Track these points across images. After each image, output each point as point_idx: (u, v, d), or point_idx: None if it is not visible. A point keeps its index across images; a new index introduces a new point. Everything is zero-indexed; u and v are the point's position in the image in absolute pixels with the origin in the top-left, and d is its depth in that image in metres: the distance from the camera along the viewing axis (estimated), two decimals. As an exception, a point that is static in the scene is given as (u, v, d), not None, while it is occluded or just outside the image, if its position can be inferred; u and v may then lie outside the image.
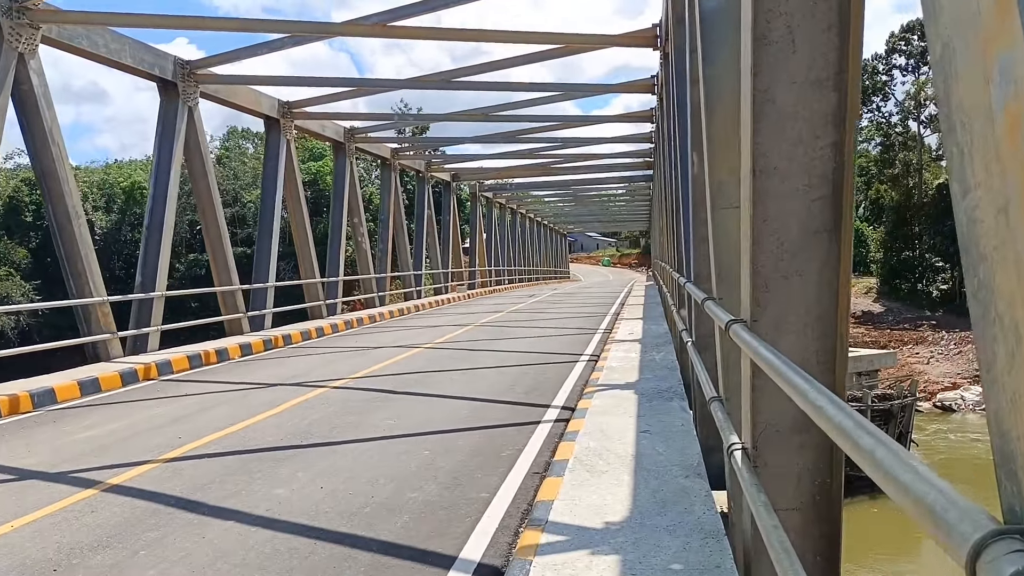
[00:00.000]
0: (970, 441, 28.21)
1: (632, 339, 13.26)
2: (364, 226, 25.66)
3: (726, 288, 5.32)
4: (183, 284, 57.09)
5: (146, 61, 15.04)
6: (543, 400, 9.06)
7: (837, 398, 2.41)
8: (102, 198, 73.53)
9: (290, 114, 20.40)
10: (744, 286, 3.66)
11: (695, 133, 7.83)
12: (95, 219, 69.54)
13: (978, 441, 28.31)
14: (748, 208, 3.55)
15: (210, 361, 14.21)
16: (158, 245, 15.38)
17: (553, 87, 19.87)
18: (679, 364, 10.81)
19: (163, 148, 15.84)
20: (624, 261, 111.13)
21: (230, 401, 9.98)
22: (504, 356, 13.18)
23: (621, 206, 60.80)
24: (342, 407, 9.14)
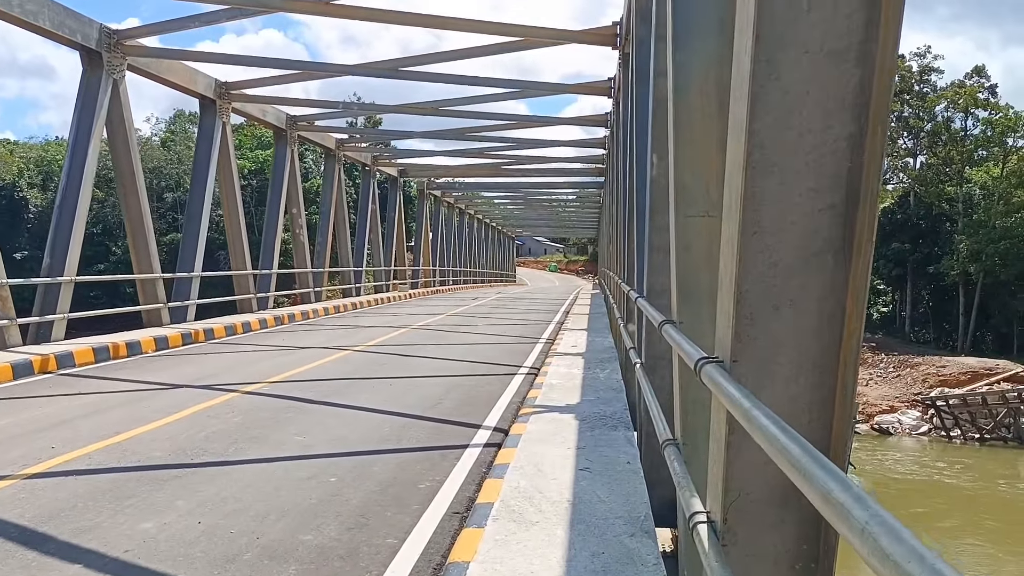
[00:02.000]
0: (904, 466, 28.16)
1: (575, 352, 12.47)
2: (303, 217, 24.50)
3: (689, 310, 4.53)
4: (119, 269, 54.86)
5: (67, 26, 13.79)
6: (474, 419, 8.19)
7: (833, 465, 1.75)
8: (39, 175, 70.63)
9: (228, 95, 19.20)
10: (723, 316, 2.85)
11: (657, 132, 7.05)
12: (29, 196, 66.79)
13: (915, 466, 28.27)
14: (736, 216, 2.74)
15: (119, 355, 13.03)
16: (70, 225, 14.11)
17: (508, 83, 19.04)
18: (624, 383, 10.05)
19: (82, 122, 14.58)
20: (571, 267, 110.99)
21: (127, 404, 8.91)
22: (438, 364, 12.28)
23: (571, 212, 60.26)
24: (249, 417, 8.15)
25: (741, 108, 2.68)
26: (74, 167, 14.35)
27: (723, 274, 2.90)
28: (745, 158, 2.63)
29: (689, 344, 3.31)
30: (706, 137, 4.73)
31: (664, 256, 7.19)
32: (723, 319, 2.85)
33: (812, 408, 2.89)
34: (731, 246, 2.77)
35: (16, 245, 58.93)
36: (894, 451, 30.73)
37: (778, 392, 2.84)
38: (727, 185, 2.82)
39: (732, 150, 2.78)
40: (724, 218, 2.89)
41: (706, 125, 4.76)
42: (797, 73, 2.57)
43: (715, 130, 4.74)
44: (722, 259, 2.92)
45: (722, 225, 2.93)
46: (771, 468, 3.00)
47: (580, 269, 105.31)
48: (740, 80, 2.70)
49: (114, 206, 59.59)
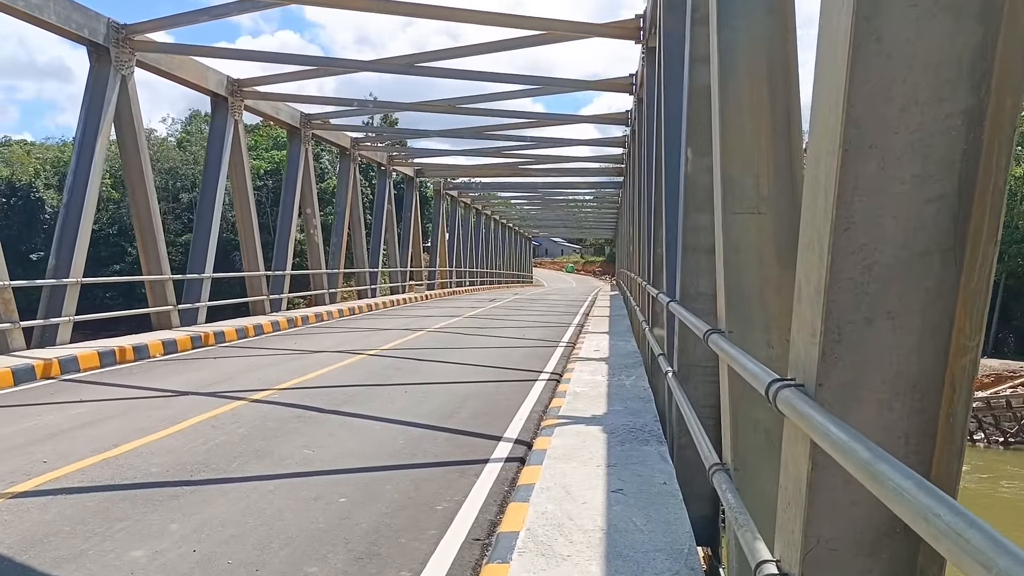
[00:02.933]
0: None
1: (598, 357, 11.97)
2: (317, 218, 24.10)
3: (739, 318, 4.03)
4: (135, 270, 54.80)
5: (74, 20, 13.42)
6: (494, 430, 7.71)
7: (957, 503, 1.47)
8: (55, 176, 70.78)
9: (240, 93, 18.82)
10: (804, 331, 2.36)
11: (693, 125, 6.55)
12: (46, 197, 66.93)
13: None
14: (823, 209, 2.24)
15: (125, 359, 12.64)
16: (76, 225, 13.75)
17: (525, 79, 18.52)
18: (652, 390, 9.55)
19: (89, 119, 14.21)
20: (588, 268, 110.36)
21: (128, 412, 8.49)
22: (455, 370, 11.81)
23: (588, 212, 59.67)
24: (255, 428, 7.70)
25: (832, 77, 2.18)
26: (81, 165, 13.99)
27: (802, 281, 2.41)
28: (837, 137, 2.14)
29: (752, 362, 2.80)
30: (756, 125, 4.23)
31: (700, 258, 6.70)
32: (803, 334, 2.36)
33: (909, 439, 2.40)
34: (816, 246, 2.27)
35: (32, 246, 58.99)
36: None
37: (868, 420, 2.35)
38: (816, 170, 2.32)
39: (819, 130, 2.28)
40: (806, 212, 2.39)
41: (756, 112, 4.26)
42: (902, 31, 2.07)
43: (766, 117, 4.25)
44: (801, 263, 2.43)
45: (802, 222, 2.44)
46: (859, 511, 2.51)
47: (597, 270, 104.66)
48: (830, 43, 2.20)
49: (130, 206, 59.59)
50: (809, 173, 2.37)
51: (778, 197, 4.18)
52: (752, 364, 2.83)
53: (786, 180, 4.21)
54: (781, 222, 4.16)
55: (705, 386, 7.11)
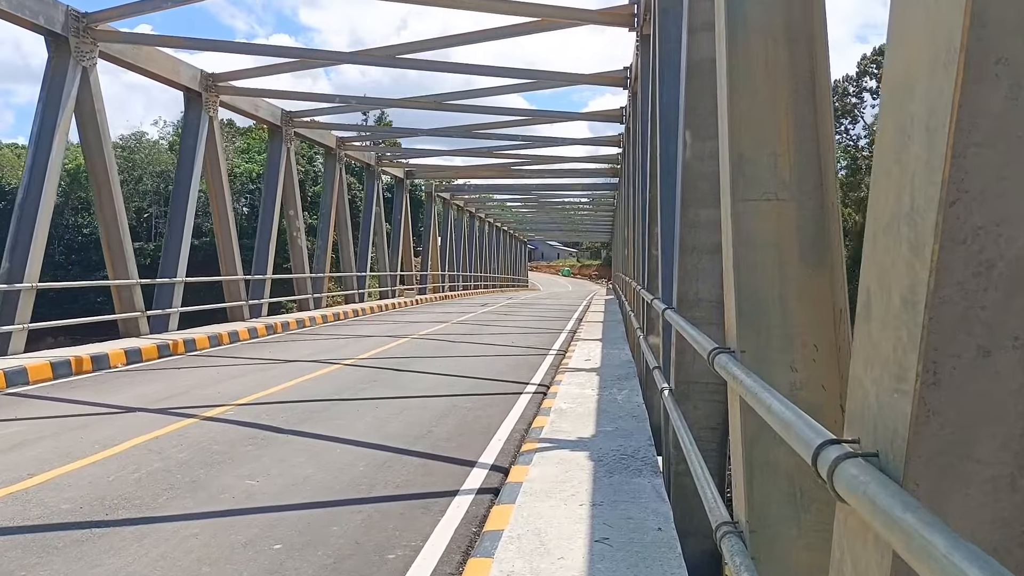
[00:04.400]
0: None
1: (589, 368, 11.09)
2: (300, 220, 23.23)
3: (753, 332, 3.15)
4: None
5: (27, 7, 12.52)
6: (468, 454, 6.83)
7: None
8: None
9: (215, 88, 17.93)
10: (882, 369, 1.46)
11: (692, 104, 5.69)
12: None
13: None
14: (921, 167, 1.36)
15: (82, 370, 11.74)
16: (31, 226, 12.84)
17: (517, 72, 17.67)
18: (646, 404, 8.68)
19: (47, 115, 13.32)
20: (584, 272, 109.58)
21: (60, 433, 7.59)
22: (435, 382, 10.92)
23: (584, 215, 58.85)
24: (198, 452, 6.82)
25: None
26: (37, 164, 13.09)
27: (874, 288, 1.52)
28: (947, 44, 1.27)
29: (805, 423, 1.87)
30: (773, 91, 3.37)
31: (700, 259, 5.82)
32: (875, 373, 1.48)
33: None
34: (902, 231, 1.39)
35: (22, 250, 57.84)
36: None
37: (974, 503, 1.48)
38: (893, 109, 1.44)
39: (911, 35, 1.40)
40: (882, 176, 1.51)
41: (773, 74, 3.39)
42: None
43: (785, 80, 3.37)
44: (870, 261, 1.54)
45: (873, 192, 1.55)
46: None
47: (593, 274, 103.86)
48: None
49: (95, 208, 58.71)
50: (890, 110, 1.49)
51: (801, 179, 3.32)
52: (797, 419, 1.94)
53: (811, 157, 3.35)
54: (806, 209, 3.30)
55: (707, 405, 6.25)
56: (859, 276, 1.54)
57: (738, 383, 2.64)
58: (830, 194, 3.30)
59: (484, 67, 17.57)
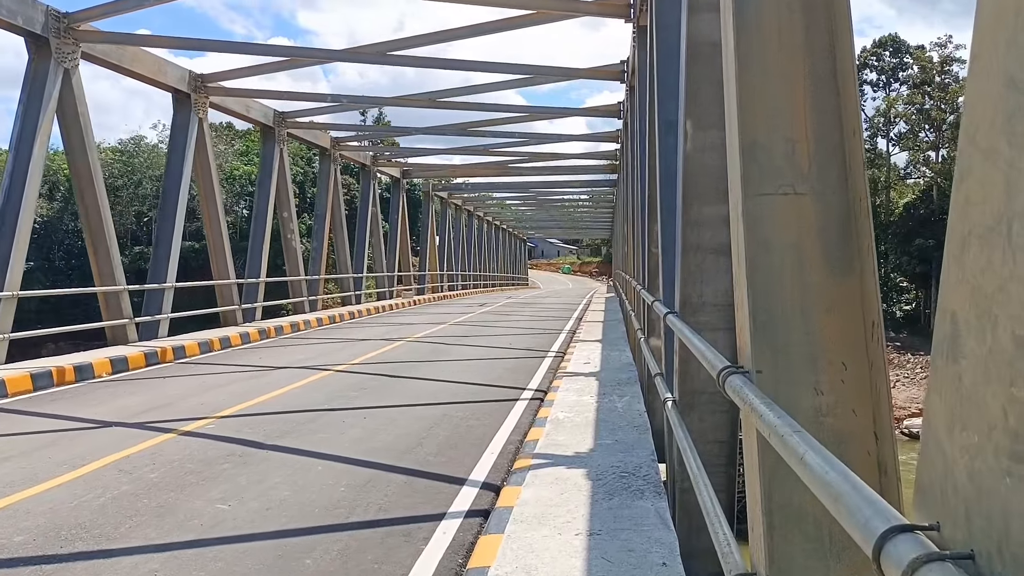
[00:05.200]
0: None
1: (588, 372, 10.65)
2: (295, 221, 22.80)
3: (771, 348, 2.72)
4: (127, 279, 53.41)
5: (4, 7, 12.07)
6: (458, 470, 6.40)
7: None
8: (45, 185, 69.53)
9: (204, 88, 17.50)
10: (990, 442, 1.04)
11: (693, 91, 5.25)
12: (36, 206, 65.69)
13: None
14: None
15: (64, 380, 11.31)
16: (12, 234, 12.43)
17: (512, 68, 17.21)
18: (648, 410, 8.25)
19: (27, 118, 12.92)
20: (585, 269, 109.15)
21: (29, 453, 7.16)
22: (427, 389, 10.49)
23: (584, 212, 58.44)
24: (171, 472, 6.39)
25: None
26: (17, 168, 12.68)
27: (965, 318, 1.07)
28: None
29: (846, 479, 1.42)
30: (788, 68, 2.93)
31: (704, 259, 5.37)
32: (980, 449, 1.03)
33: None
34: (1010, 234, 0.96)
35: (21, 256, 57.46)
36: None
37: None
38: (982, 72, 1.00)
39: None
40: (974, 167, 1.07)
41: (787, 55, 2.96)
42: None
43: (801, 55, 2.93)
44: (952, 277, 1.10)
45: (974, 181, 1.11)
46: None
47: (594, 271, 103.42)
48: None
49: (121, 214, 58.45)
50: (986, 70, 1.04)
51: (823, 169, 2.88)
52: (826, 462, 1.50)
53: (833, 145, 2.91)
54: (829, 205, 2.87)
55: (713, 417, 5.81)
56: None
57: (757, 416, 2.20)
58: (857, 187, 2.87)
59: (479, 63, 17.13)
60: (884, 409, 2.71)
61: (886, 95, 59.47)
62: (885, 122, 59.52)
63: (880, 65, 60.21)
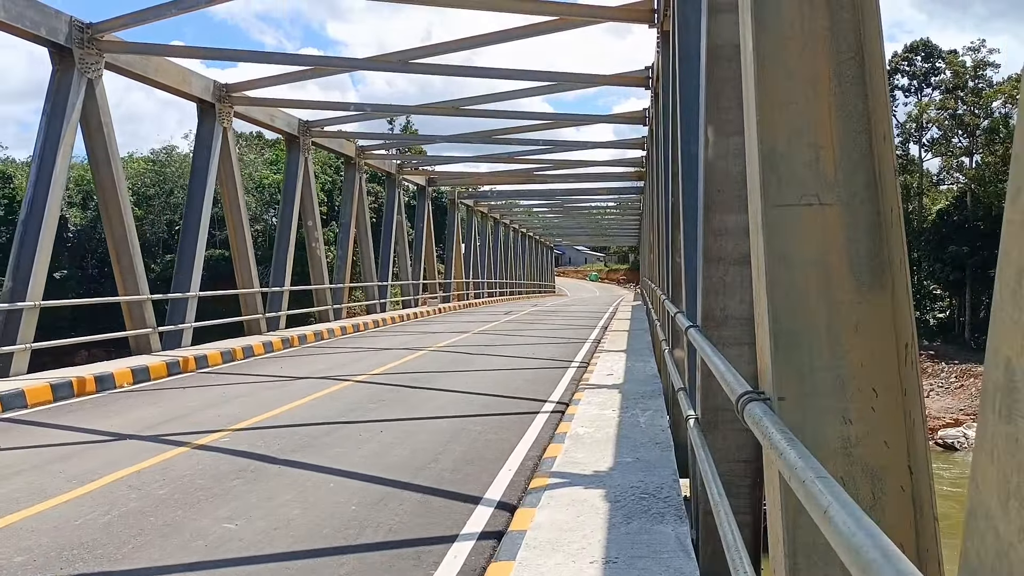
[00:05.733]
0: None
1: (611, 383, 10.42)
2: (319, 230, 22.78)
3: (795, 375, 2.50)
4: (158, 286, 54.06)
5: (27, 18, 12.13)
6: (474, 488, 6.20)
7: None
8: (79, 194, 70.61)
9: (228, 98, 17.53)
10: None
11: (714, 95, 5.03)
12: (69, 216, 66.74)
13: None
14: None
15: (85, 391, 11.29)
16: (35, 242, 12.45)
17: (536, 75, 17.05)
18: (672, 423, 8.01)
19: (51, 128, 12.93)
20: (612, 276, 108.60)
21: (40, 467, 7.07)
22: (447, 400, 10.32)
23: (611, 220, 58.10)
24: (180, 488, 6.26)
25: None
26: (40, 179, 12.70)
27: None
28: None
29: (876, 545, 1.22)
30: (812, 74, 2.72)
31: (727, 270, 5.14)
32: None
33: None
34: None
35: (57, 264, 58.38)
36: (960, 468, 28.09)
37: None
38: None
39: None
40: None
41: (811, 56, 2.75)
42: None
43: (826, 55, 2.74)
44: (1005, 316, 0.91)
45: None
46: None
47: (621, 278, 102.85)
48: None
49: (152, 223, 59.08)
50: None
51: (850, 177, 2.66)
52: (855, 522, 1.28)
53: (861, 151, 2.70)
54: (857, 216, 2.65)
55: (737, 436, 5.56)
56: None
57: (777, 453, 1.98)
58: (888, 196, 2.64)
59: (504, 70, 16.99)
60: (919, 439, 2.48)
61: (918, 100, 58.55)
62: (917, 128, 58.59)
63: (912, 70, 59.31)
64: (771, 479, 2.51)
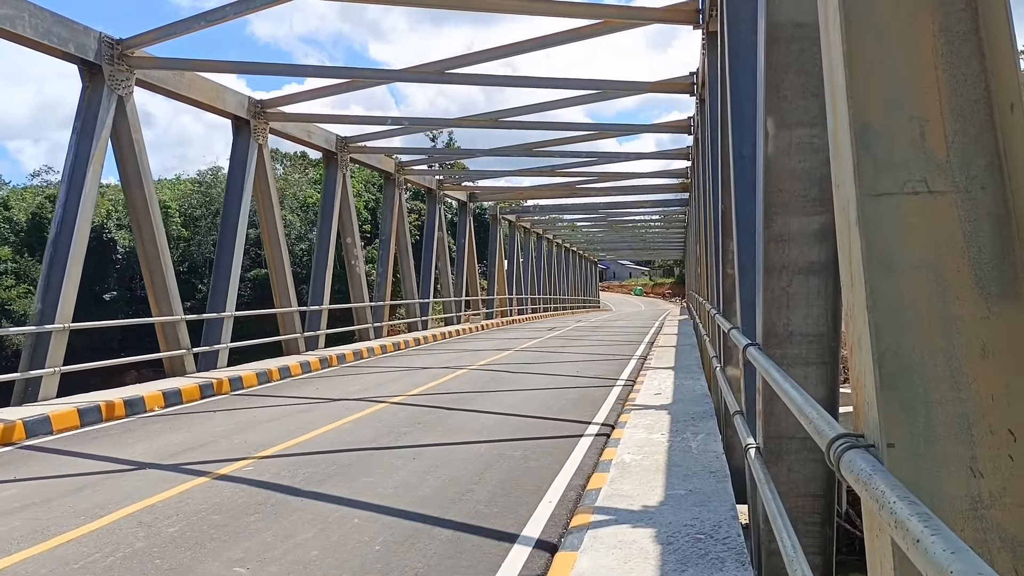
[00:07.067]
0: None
1: (659, 404, 9.78)
2: (358, 248, 22.47)
3: (906, 414, 1.88)
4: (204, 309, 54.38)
5: (55, 35, 11.95)
6: (510, 523, 5.64)
7: None
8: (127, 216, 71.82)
9: (263, 115, 17.28)
10: None
11: (774, 83, 4.44)
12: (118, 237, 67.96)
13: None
14: None
15: (113, 415, 10.99)
16: (64, 263, 12.21)
17: (576, 83, 16.48)
18: (726, 447, 7.37)
19: (80, 147, 12.73)
20: (657, 291, 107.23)
21: (53, 499, 6.68)
22: (484, 423, 9.77)
23: (655, 233, 57.19)
24: (193, 525, 5.79)
25: None
26: (70, 198, 12.49)
27: None
28: None
29: None
30: (911, 30, 2.13)
31: (791, 280, 4.51)
32: None
33: None
34: None
35: (105, 286, 59.41)
36: None
37: None
38: None
39: None
40: None
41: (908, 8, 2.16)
42: None
43: (928, 15, 2.15)
44: None
45: None
46: None
47: (667, 292, 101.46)
48: None
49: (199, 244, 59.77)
50: None
51: (969, 157, 2.06)
52: None
53: (981, 123, 2.09)
54: (978, 206, 2.04)
55: (806, 467, 4.92)
56: None
57: (895, 520, 1.39)
58: (1018, 181, 2.04)
59: (543, 79, 16.50)
60: (1077, 498, 1.87)
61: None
62: None
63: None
64: (878, 548, 1.92)
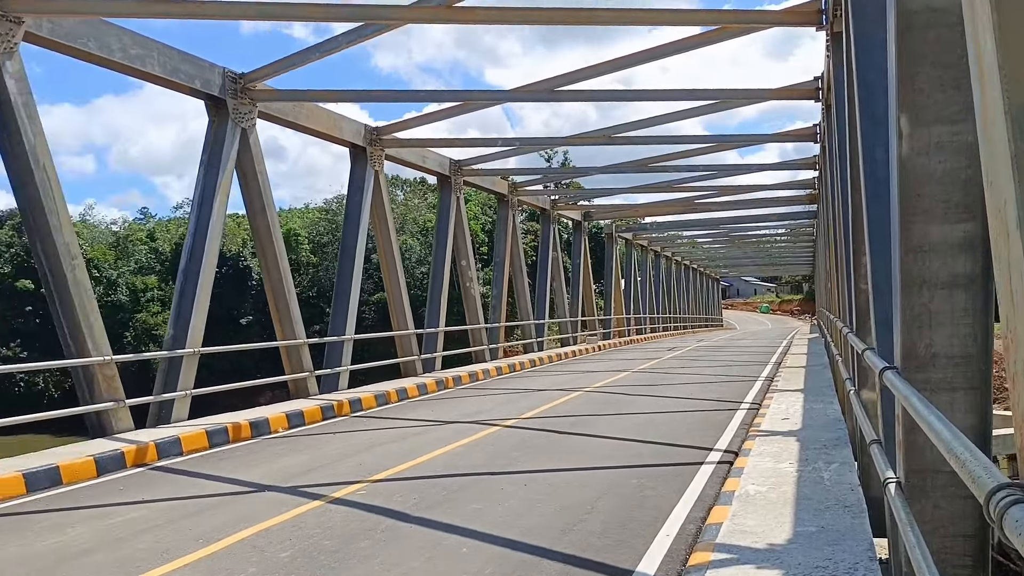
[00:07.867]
0: None
1: (786, 429, 9.20)
2: (473, 270, 22.58)
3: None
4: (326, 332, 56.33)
5: (182, 72, 12.50)
6: (623, 558, 5.31)
7: None
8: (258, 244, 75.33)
9: (379, 141, 17.60)
10: None
11: (908, 75, 4.00)
12: (252, 265, 71.33)
13: None
14: None
15: (240, 437, 11.28)
16: (194, 290, 12.66)
17: (694, 94, 15.96)
18: (861, 482, 6.78)
19: (207, 178, 13.23)
20: (784, 308, 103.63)
21: (175, 521, 6.81)
22: (600, 447, 9.46)
23: (781, 248, 55.23)
24: (305, 551, 5.73)
25: None
26: (199, 228, 12.98)
27: None
28: None
29: None
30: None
31: (933, 296, 4.04)
32: None
33: None
34: None
35: (242, 311, 62.25)
36: None
37: None
38: None
39: None
40: None
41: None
42: None
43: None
44: None
45: None
46: None
47: (795, 309, 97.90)
48: None
49: (327, 269, 61.89)
50: None
51: None
52: None
53: None
54: None
55: (953, 504, 4.41)
56: None
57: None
58: None
59: (657, 91, 16.13)
60: None
61: None
62: None
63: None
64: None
